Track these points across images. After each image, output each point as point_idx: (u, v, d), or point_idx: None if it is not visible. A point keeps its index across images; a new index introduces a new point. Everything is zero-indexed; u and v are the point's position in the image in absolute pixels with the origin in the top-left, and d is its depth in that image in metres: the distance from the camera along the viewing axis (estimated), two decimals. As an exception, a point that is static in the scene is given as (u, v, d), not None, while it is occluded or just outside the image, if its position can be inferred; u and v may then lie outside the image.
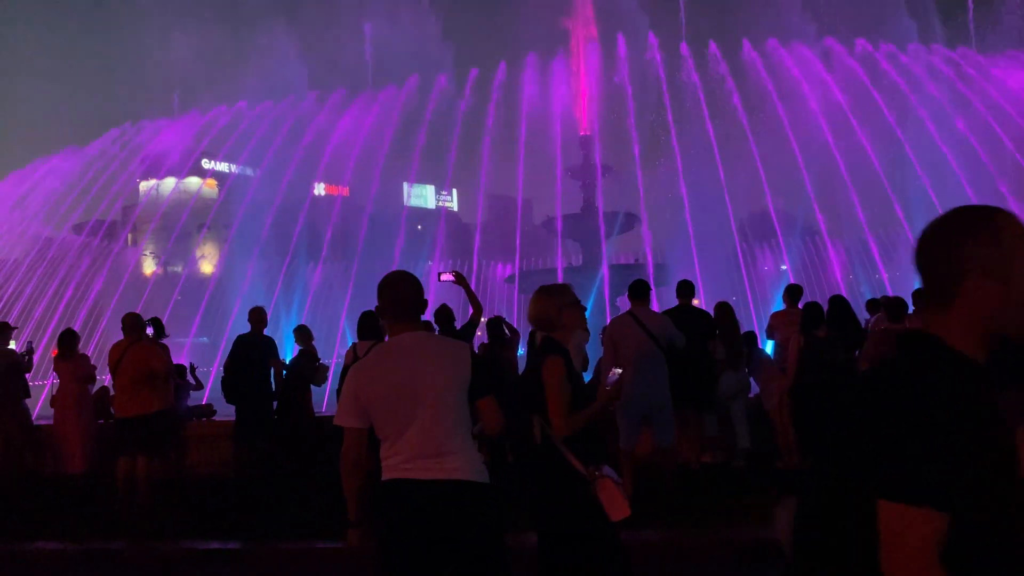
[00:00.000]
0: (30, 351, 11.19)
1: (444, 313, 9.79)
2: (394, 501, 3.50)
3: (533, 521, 4.16)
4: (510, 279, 26.91)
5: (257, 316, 10.57)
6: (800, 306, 10.21)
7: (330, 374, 10.82)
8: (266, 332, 10.70)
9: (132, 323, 9.21)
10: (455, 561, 3.48)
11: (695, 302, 9.96)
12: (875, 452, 1.63)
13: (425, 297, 3.89)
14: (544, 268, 29.01)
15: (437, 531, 3.44)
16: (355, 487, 3.71)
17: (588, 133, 28.33)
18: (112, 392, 9.58)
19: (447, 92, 26.63)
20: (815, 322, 9.15)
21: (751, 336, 10.48)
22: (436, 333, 8.50)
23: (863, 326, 10.99)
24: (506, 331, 10.28)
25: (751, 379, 10.10)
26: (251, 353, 10.33)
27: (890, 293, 14.38)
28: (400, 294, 3.76)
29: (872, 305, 11.27)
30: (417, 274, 3.94)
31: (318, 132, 25.80)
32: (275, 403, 10.60)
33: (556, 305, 4.35)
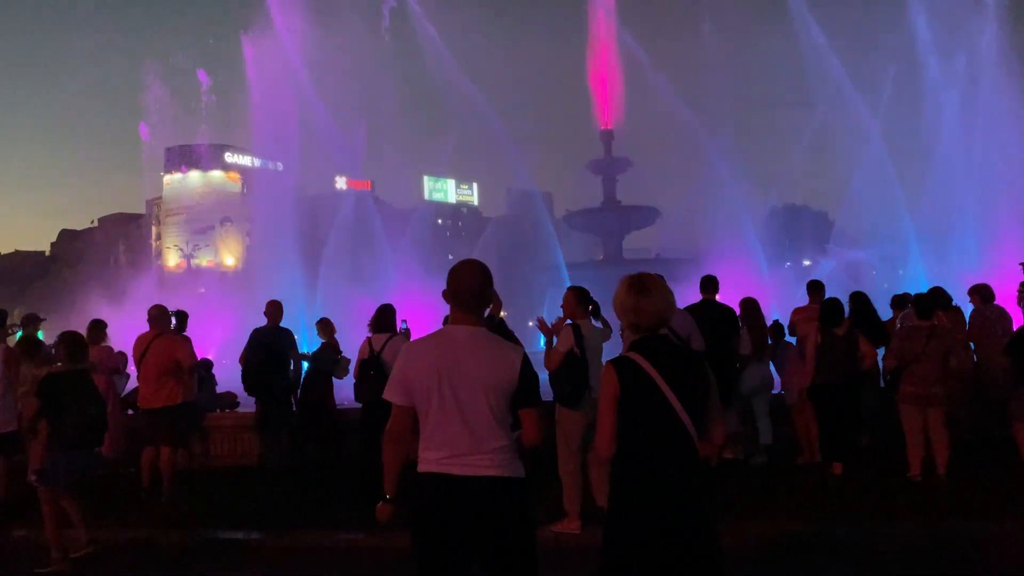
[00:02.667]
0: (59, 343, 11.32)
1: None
2: (428, 495, 3.52)
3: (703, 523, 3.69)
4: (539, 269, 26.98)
5: (273, 309, 10.64)
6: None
7: (351, 367, 10.88)
8: (288, 325, 10.77)
9: (157, 315, 9.30)
10: (486, 556, 3.50)
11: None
12: None
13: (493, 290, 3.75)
14: (566, 263, 28.97)
15: (469, 526, 3.46)
16: (394, 461, 3.67)
17: (610, 127, 28.25)
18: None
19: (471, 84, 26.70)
20: (834, 319, 9.00)
21: (778, 327, 10.34)
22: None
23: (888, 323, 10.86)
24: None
25: (775, 373, 10.02)
26: (268, 345, 10.41)
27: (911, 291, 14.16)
28: (465, 284, 3.69)
29: (898, 301, 11.11)
30: (436, 268, 3.91)
31: (341, 126, 25.92)
32: (294, 395, 10.70)
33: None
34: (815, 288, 10.44)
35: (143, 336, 9.29)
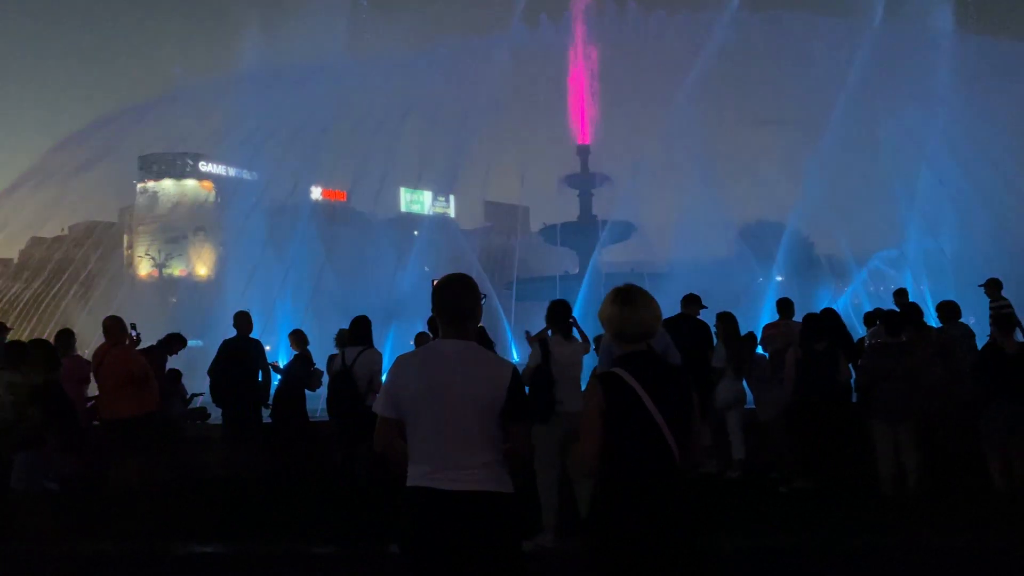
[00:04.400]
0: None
1: (436, 322, 9.74)
2: (416, 509, 3.50)
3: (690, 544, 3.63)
4: (507, 286, 26.92)
5: (242, 320, 10.55)
6: (796, 318, 10.14)
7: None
8: (262, 337, 10.70)
9: (112, 326, 9.16)
10: (474, 570, 3.48)
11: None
12: None
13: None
14: (541, 276, 29.03)
15: (457, 540, 3.45)
16: (399, 458, 3.64)
17: (587, 142, 28.41)
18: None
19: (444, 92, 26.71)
20: (816, 335, 8.95)
21: (752, 337, 10.33)
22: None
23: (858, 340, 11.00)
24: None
25: (747, 389, 10.04)
26: (237, 356, 10.31)
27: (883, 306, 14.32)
28: (452, 299, 3.70)
29: (870, 319, 11.26)
30: (416, 280, 3.91)
31: (317, 134, 25.77)
32: (264, 406, 10.62)
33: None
34: (785, 306, 10.54)
35: (100, 347, 9.17)
